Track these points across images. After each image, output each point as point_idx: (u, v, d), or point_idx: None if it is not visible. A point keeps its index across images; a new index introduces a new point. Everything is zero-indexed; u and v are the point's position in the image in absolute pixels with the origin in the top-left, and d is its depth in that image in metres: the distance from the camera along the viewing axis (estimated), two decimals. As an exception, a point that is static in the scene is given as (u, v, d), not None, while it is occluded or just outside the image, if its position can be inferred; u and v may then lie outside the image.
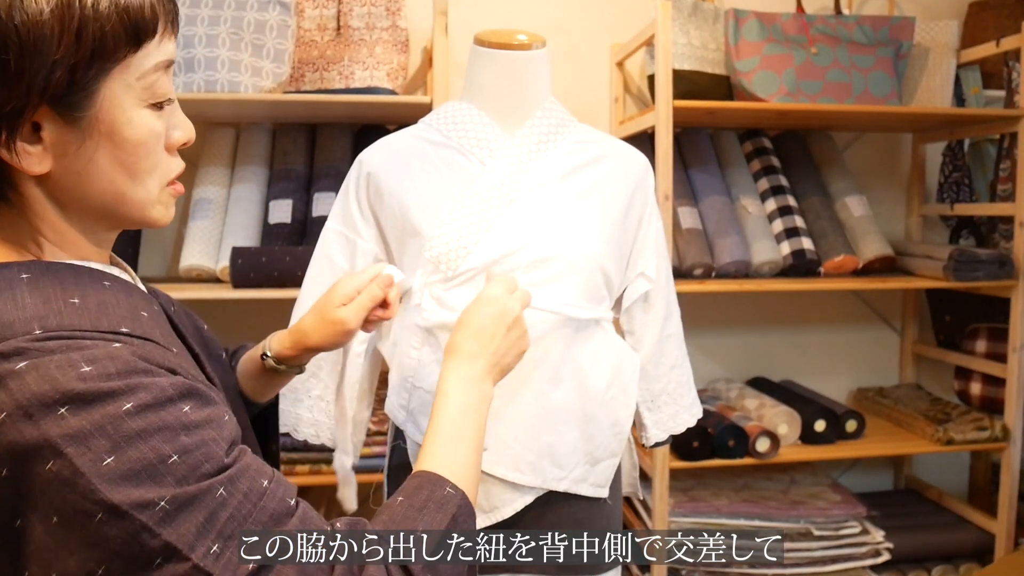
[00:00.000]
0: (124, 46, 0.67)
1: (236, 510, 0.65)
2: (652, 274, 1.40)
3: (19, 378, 0.60)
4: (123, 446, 0.61)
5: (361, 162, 1.36)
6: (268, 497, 0.67)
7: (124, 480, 0.60)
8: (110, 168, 0.70)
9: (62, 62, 0.63)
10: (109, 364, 0.63)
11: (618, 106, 2.53)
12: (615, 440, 1.33)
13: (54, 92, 0.64)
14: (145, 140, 0.71)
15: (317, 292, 1.35)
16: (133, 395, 0.62)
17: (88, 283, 0.70)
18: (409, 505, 0.78)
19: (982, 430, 2.37)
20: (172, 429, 0.63)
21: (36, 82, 0.63)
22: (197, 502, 0.62)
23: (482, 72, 1.35)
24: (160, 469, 0.61)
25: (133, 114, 0.70)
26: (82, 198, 0.71)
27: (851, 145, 2.75)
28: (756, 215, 2.36)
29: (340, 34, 2.15)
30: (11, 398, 0.60)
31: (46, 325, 0.64)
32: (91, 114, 0.67)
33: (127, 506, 0.60)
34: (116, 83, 0.68)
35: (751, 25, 2.26)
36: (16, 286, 0.66)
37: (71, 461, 0.59)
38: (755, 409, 2.38)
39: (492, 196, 1.28)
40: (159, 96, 0.72)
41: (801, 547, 2.27)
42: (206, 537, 0.62)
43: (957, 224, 2.69)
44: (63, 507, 0.59)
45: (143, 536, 0.60)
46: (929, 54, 2.49)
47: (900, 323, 2.85)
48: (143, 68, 0.69)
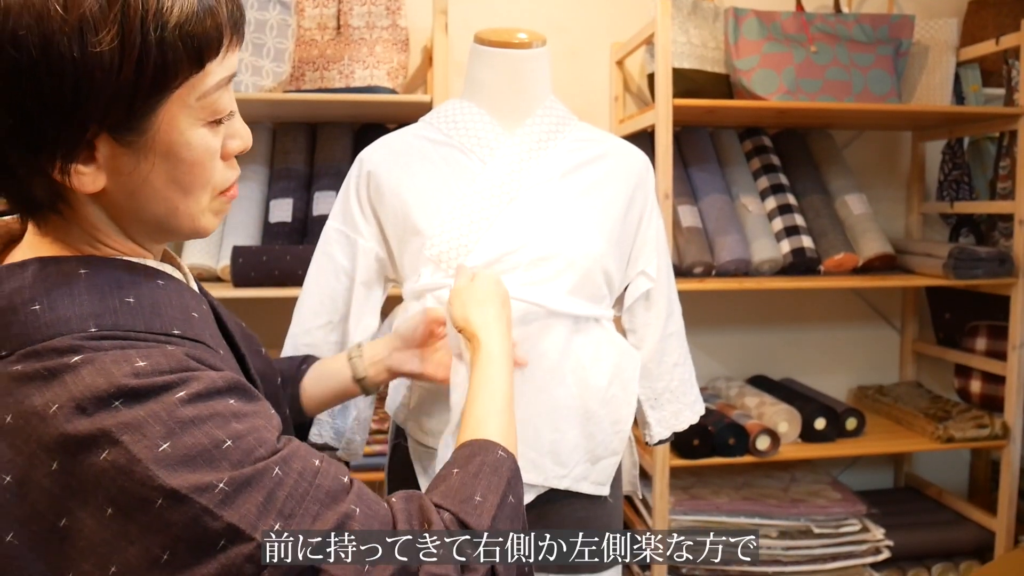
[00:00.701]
0: (186, 70, 0.65)
1: (293, 489, 0.65)
2: (653, 272, 1.40)
3: (74, 372, 0.61)
4: (178, 432, 0.61)
5: (362, 160, 1.36)
6: (322, 475, 0.68)
7: (181, 465, 0.61)
8: (164, 186, 0.69)
9: (121, 91, 0.61)
10: (163, 361, 0.64)
11: (618, 105, 2.53)
12: (616, 438, 1.33)
13: (111, 121, 0.63)
14: (200, 159, 0.70)
15: (319, 290, 1.37)
16: (185, 385, 0.63)
17: (143, 282, 0.70)
18: (464, 474, 0.79)
19: (982, 428, 2.37)
20: (224, 416, 0.64)
21: (94, 114, 0.62)
22: (254, 483, 0.63)
23: (482, 70, 1.35)
24: (215, 454, 0.62)
25: (191, 134, 0.68)
26: (135, 213, 0.70)
27: (851, 143, 2.75)
28: (756, 213, 2.36)
29: (340, 33, 2.16)
30: (66, 391, 0.60)
31: (101, 323, 0.64)
32: (147, 137, 0.66)
33: (186, 490, 0.60)
34: (175, 105, 0.66)
35: (751, 23, 2.26)
36: (74, 281, 0.66)
37: (127, 449, 0.60)
38: (755, 407, 2.38)
39: (492, 194, 1.28)
40: (218, 113, 0.70)
41: (801, 545, 2.27)
42: (267, 516, 0.63)
43: (957, 222, 2.69)
44: (120, 496, 0.60)
45: (205, 519, 0.61)
46: (929, 52, 2.49)
47: (900, 321, 2.85)
48: (204, 88, 0.67)
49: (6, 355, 0.63)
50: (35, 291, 0.64)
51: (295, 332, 1.38)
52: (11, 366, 0.62)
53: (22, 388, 0.61)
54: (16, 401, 0.61)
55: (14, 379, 0.62)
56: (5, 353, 0.63)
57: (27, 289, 0.64)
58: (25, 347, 0.62)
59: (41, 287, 0.65)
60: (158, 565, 0.61)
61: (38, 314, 0.63)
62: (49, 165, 0.63)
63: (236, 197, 0.78)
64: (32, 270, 0.66)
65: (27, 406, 0.61)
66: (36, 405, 0.60)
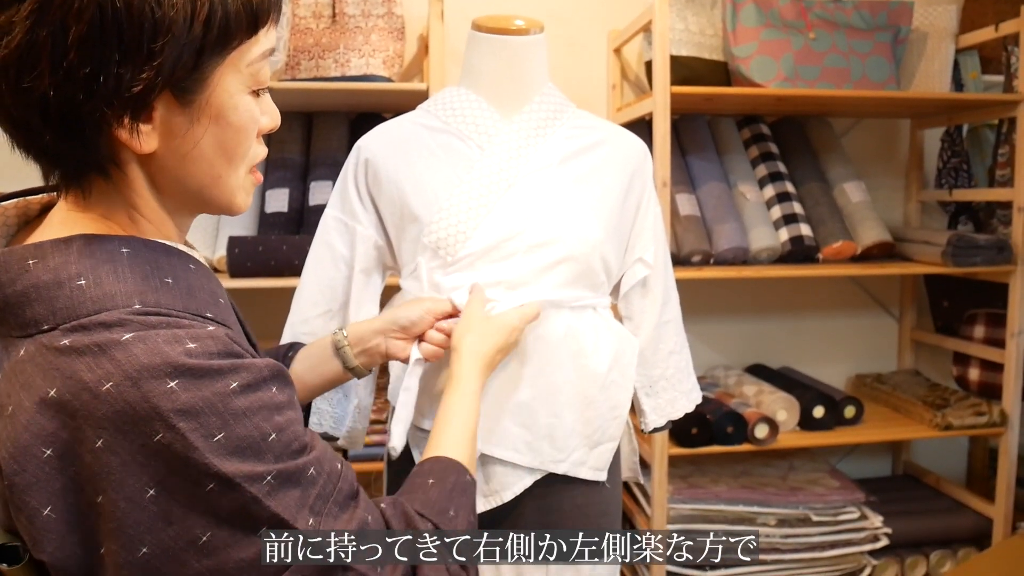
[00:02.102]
0: (243, 33, 0.69)
1: (322, 489, 0.69)
2: (650, 259, 1.40)
3: (125, 349, 0.61)
4: (231, 423, 0.64)
5: (359, 148, 1.36)
6: (343, 479, 0.73)
7: (233, 455, 0.63)
8: (212, 152, 0.72)
9: (190, 46, 0.65)
10: (211, 343, 0.65)
11: (616, 93, 2.52)
12: (614, 424, 1.33)
13: (178, 75, 0.65)
14: (246, 125, 0.73)
15: (317, 279, 1.37)
16: (236, 374, 0.65)
17: (178, 264, 0.72)
18: (441, 488, 0.86)
19: (980, 415, 2.37)
20: (269, 409, 0.67)
21: (166, 64, 0.64)
22: (295, 479, 0.67)
23: (480, 57, 1.34)
24: (262, 446, 0.65)
25: (239, 99, 0.71)
26: (181, 180, 0.72)
27: (849, 131, 2.74)
28: (754, 201, 2.36)
29: (336, 22, 2.14)
30: (118, 368, 0.61)
31: (145, 301, 0.66)
32: (203, 97, 0.69)
33: (240, 478, 0.63)
34: (228, 69, 0.69)
35: (749, 10, 2.25)
36: (117, 259, 0.67)
37: (184, 435, 0.61)
38: (754, 396, 2.38)
39: (491, 181, 1.28)
40: (261, 83, 0.73)
41: (800, 533, 2.28)
42: (303, 510, 0.67)
43: (955, 209, 2.69)
44: (168, 478, 0.61)
45: (252, 507, 0.64)
46: (927, 39, 2.48)
47: (898, 309, 2.85)
48: (252, 55, 0.71)
49: (49, 328, 0.63)
50: (81, 267, 0.65)
51: (294, 321, 1.37)
52: (57, 339, 0.63)
53: (70, 362, 0.61)
54: (63, 375, 0.61)
55: (61, 352, 0.62)
56: (48, 327, 0.63)
57: (72, 264, 0.65)
58: (70, 321, 0.63)
59: (87, 263, 0.66)
60: (195, 547, 0.63)
61: (84, 289, 0.64)
62: (117, 119, 0.64)
63: (261, 181, 0.82)
64: (77, 246, 0.66)
65: (76, 380, 0.61)
66: (87, 380, 0.61)
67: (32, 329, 0.64)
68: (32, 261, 0.65)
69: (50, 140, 0.65)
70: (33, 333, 0.64)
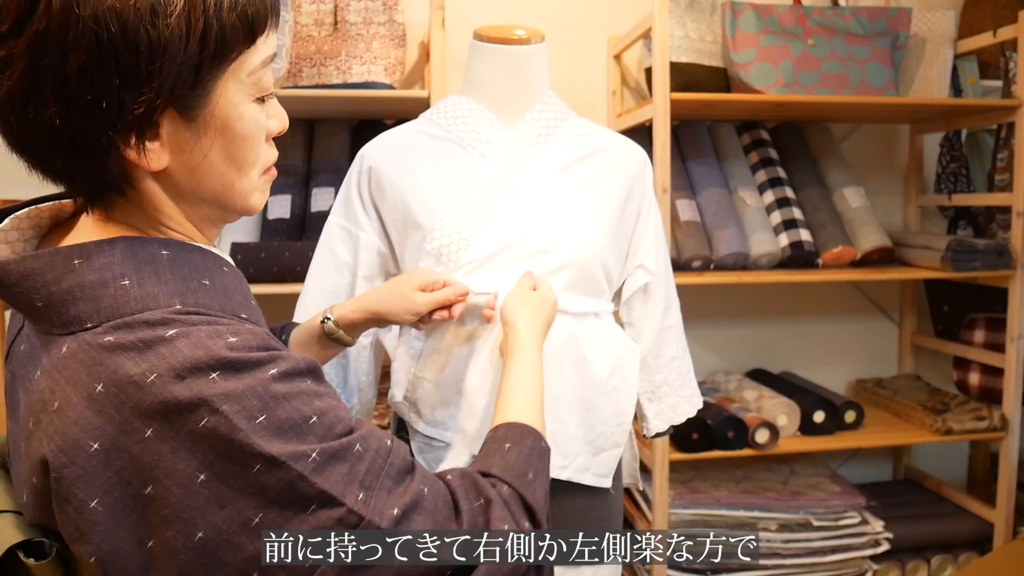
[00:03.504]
0: (241, 44, 0.69)
1: (371, 464, 0.70)
2: (651, 266, 1.41)
3: (170, 344, 0.64)
4: (272, 406, 0.65)
5: (363, 156, 1.37)
6: (393, 455, 0.73)
7: (276, 436, 0.64)
8: (221, 162, 0.73)
9: (188, 63, 0.65)
10: (251, 338, 0.68)
11: (616, 99, 2.53)
12: (618, 430, 1.33)
13: (179, 93, 0.66)
14: (252, 133, 0.74)
15: (321, 285, 1.38)
16: (275, 363, 0.67)
17: (213, 267, 0.74)
18: (519, 452, 0.87)
19: (981, 420, 2.38)
20: (307, 395, 0.69)
21: (165, 84, 0.65)
22: (340, 455, 0.68)
23: (481, 66, 1.36)
24: (304, 428, 0.66)
25: (243, 109, 0.72)
26: (195, 191, 0.74)
27: (848, 136, 2.75)
28: (754, 207, 2.36)
29: (337, 29, 2.15)
30: (163, 361, 0.63)
31: (185, 301, 0.68)
32: (207, 111, 0.70)
33: (284, 457, 0.64)
34: (229, 80, 0.70)
35: (748, 17, 2.26)
36: (158, 261, 0.70)
37: (228, 418, 0.63)
38: (754, 401, 2.38)
39: (492, 189, 1.29)
40: (264, 90, 0.74)
41: (801, 537, 2.28)
42: (352, 485, 0.68)
43: (955, 214, 2.69)
44: (216, 462, 0.63)
45: (299, 484, 0.65)
46: (926, 45, 2.49)
47: (898, 314, 2.85)
48: (253, 64, 0.72)
49: (93, 326, 0.65)
50: (124, 267, 0.68)
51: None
52: (101, 337, 0.65)
53: (115, 358, 0.63)
54: (108, 370, 0.63)
55: (105, 349, 0.64)
56: (92, 324, 0.65)
57: (117, 265, 0.67)
58: (114, 319, 0.65)
59: (130, 264, 0.68)
60: (248, 528, 0.64)
61: (127, 289, 0.67)
62: (124, 141, 0.66)
63: (275, 177, 0.83)
64: (120, 248, 0.69)
65: (122, 375, 0.63)
66: (132, 374, 0.63)
67: (75, 327, 0.66)
68: (78, 261, 0.67)
69: (61, 165, 0.67)
70: (76, 331, 0.66)
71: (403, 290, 1.19)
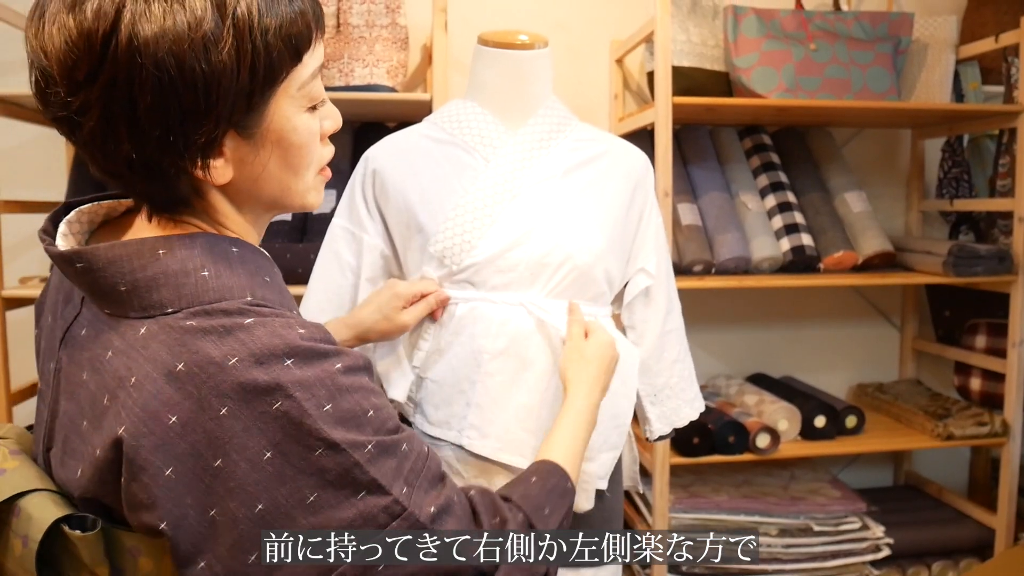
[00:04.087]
0: (288, 65, 0.74)
1: (414, 464, 0.76)
2: (652, 269, 1.41)
3: (249, 331, 0.70)
4: (338, 397, 0.71)
5: (367, 159, 1.38)
6: (431, 460, 0.80)
7: (339, 424, 0.70)
8: (279, 170, 0.79)
9: (241, 91, 0.71)
10: (316, 331, 0.74)
11: (618, 103, 2.53)
12: (615, 433, 1.34)
13: (236, 119, 0.72)
14: (307, 141, 0.80)
15: (324, 287, 1.39)
16: (339, 358, 0.73)
17: (269, 268, 0.81)
18: (542, 487, 0.93)
19: (982, 425, 2.37)
20: (366, 390, 0.75)
21: (223, 113, 0.71)
22: (391, 451, 0.74)
23: (485, 71, 1.36)
24: (363, 420, 0.73)
25: (297, 121, 0.78)
26: (255, 197, 0.80)
27: (850, 141, 2.75)
28: (756, 211, 2.36)
29: (340, 32, 2.16)
30: (243, 346, 0.69)
31: (255, 295, 0.74)
32: (263, 128, 0.76)
33: (345, 444, 0.70)
34: (282, 97, 0.76)
35: (750, 21, 2.26)
36: (231, 257, 0.76)
37: (299, 403, 0.69)
38: (755, 405, 2.38)
39: (495, 192, 1.30)
40: (315, 99, 0.79)
41: (801, 543, 2.28)
42: (398, 479, 0.74)
43: (956, 220, 2.69)
44: (284, 441, 0.68)
45: (355, 471, 0.71)
46: (928, 50, 2.49)
47: (900, 319, 2.85)
48: (302, 78, 0.77)
49: (174, 311, 0.71)
50: (204, 260, 0.74)
51: None
52: (182, 320, 0.70)
53: (197, 340, 0.69)
54: (190, 351, 0.69)
55: (187, 332, 0.70)
56: (173, 310, 0.71)
57: (197, 258, 0.74)
58: (194, 306, 0.71)
59: (208, 257, 0.74)
60: (303, 505, 0.69)
61: (207, 279, 0.73)
62: (192, 164, 0.73)
63: (330, 176, 0.88)
64: (200, 242, 0.75)
65: (203, 356, 0.68)
66: (214, 356, 0.68)
67: (155, 311, 0.72)
68: (162, 251, 0.73)
69: (141, 186, 0.75)
70: (156, 314, 0.72)
71: (389, 314, 1.26)
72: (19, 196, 2.06)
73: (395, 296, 1.26)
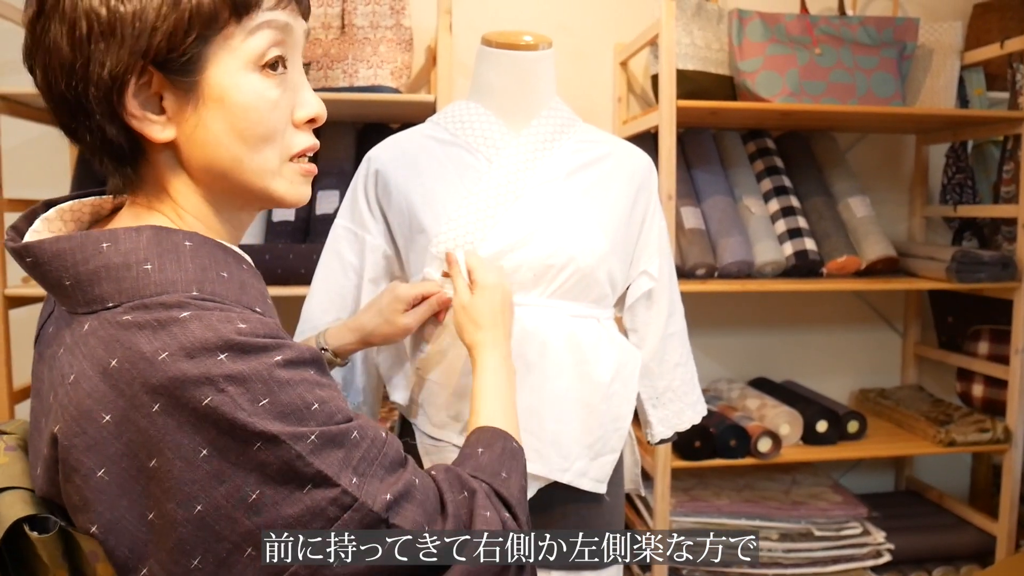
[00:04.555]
0: (224, 14, 0.72)
1: (366, 452, 0.73)
2: (655, 272, 1.41)
3: (183, 325, 0.67)
4: (276, 391, 0.68)
5: (370, 159, 1.38)
6: (388, 446, 0.76)
7: (277, 418, 0.67)
8: (224, 134, 0.75)
9: (160, 28, 0.69)
10: (260, 326, 0.71)
11: (621, 106, 2.53)
12: (615, 435, 1.33)
13: (156, 56, 0.70)
14: (254, 104, 0.75)
15: (327, 287, 1.39)
16: (280, 351, 0.70)
17: (232, 262, 0.77)
18: (491, 454, 0.91)
19: (984, 432, 2.37)
20: (310, 383, 0.71)
21: (138, 46, 0.69)
22: (338, 440, 0.70)
23: (489, 72, 1.36)
24: (305, 413, 0.69)
25: (239, 77, 0.74)
26: (205, 167, 0.76)
27: (854, 146, 2.75)
28: (759, 215, 2.36)
29: (344, 32, 2.16)
30: (174, 340, 0.66)
31: (202, 289, 0.71)
32: (200, 79, 0.72)
33: (284, 436, 0.67)
34: (225, 49, 0.73)
35: (755, 25, 2.26)
36: (181, 250, 0.73)
37: (232, 397, 0.66)
38: (757, 409, 2.38)
39: (498, 193, 1.30)
40: (262, 58, 0.75)
41: (802, 547, 2.27)
42: (346, 469, 0.70)
43: (960, 225, 2.69)
44: (218, 438, 0.66)
45: (297, 463, 0.67)
46: (933, 55, 2.49)
47: (902, 324, 2.85)
48: (250, 28, 0.73)
49: (114, 306, 0.69)
50: (148, 253, 0.71)
51: (303, 329, 1.39)
52: (120, 315, 0.68)
53: (131, 335, 0.67)
54: (123, 346, 0.66)
55: (123, 327, 0.67)
56: (113, 304, 0.69)
57: (141, 250, 0.71)
58: (134, 300, 0.69)
59: (153, 250, 0.71)
60: (245, 504, 0.66)
61: (149, 273, 0.70)
62: (119, 105, 0.71)
63: (314, 173, 0.84)
64: (147, 235, 0.72)
65: (135, 351, 0.66)
66: (144, 351, 0.66)
67: (97, 305, 0.70)
68: (106, 244, 0.71)
69: (87, 137, 0.74)
70: (98, 309, 0.69)
71: (391, 317, 1.24)
72: (23, 195, 2.06)
73: (397, 299, 1.24)
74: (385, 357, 1.39)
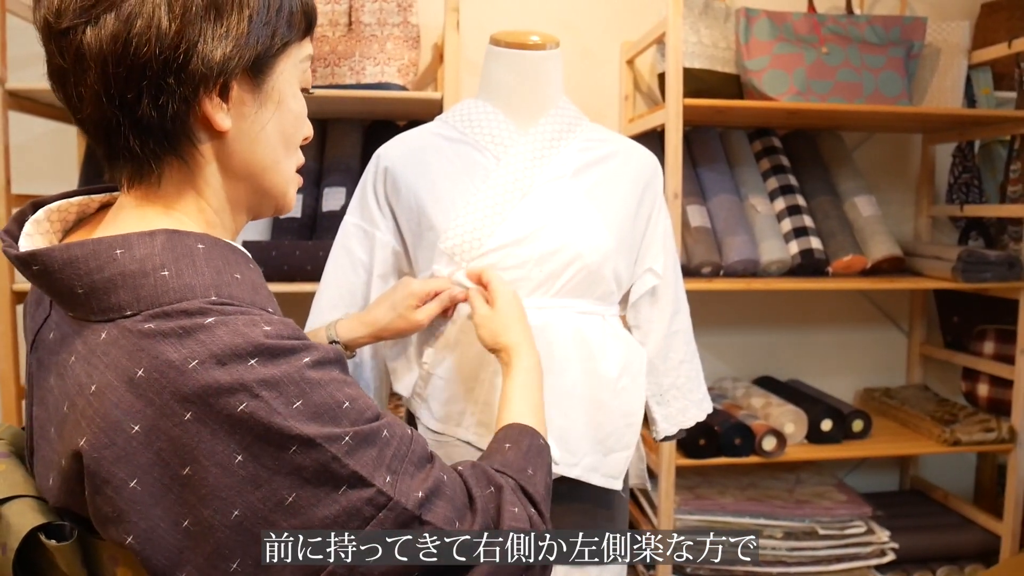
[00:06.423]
0: (301, 26, 0.79)
1: (396, 450, 0.74)
2: (659, 270, 1.41)
3: (209, 331, 0.66)
4: (308, 392, 0.68)
5: (379, 156, 1.39)
6: (415, 443, 0.77)
7: (312, 420, 0.68)
8: (275, 136, 0.79)
9: (270, 25, 0.74)
10: (283, 328, 0.71)
11: (628, 104, 2.53)
12: (628, 432, 1.34)
13: (259, 52, 0.74)
14: (300, 114, 0.82)
15: (336, 283, 1.40)
16: (308, 352, 0.71)
17: (243, 263, 0.78)
18: (517, 450, 0.93)
19: (989, 431, 2.37)
20: (339, 382, 0.72)
21: (252, 40, 0.73)
22: (371, 439, 0.71)
23: (497, 71, 1.37)
24: (338, 412, 0.70)
25: (295, 89, 0.81)
26: (247, 163, 0.79)
27: (861, 145, 2.75)
28: (765, 214, 2.36)
29: (351, 30, 2.16)
30: (203, 348, 0.66)
31: (220, 293, 0.71)
32: (270, 82, 0.77)
33: (320, 439, 0.67)
34: (289, 60, 0.79)
35: (762, 24, 2.26)
36: (195, 254, 0.72)
37: (267, 402, 0.66)
38: (761, 408, 2.38)
39: (506, 190, 1.31)
40: (307, 82, 0.83)
41: (806, 546, 2.28)
42: (380, 468, 0.71)
43: (966, 225, 2.69)
44: (254, 444, 0.66)
45: (333, 465, 0.68)
46: (940, 55, 2.49)
47: (908, 323, 2.85)
48: (303, 53, 0.81)
49: (132, 314, 0.68)
50: (164, 258, 0.70)
51: (313, 323, 1.40)
52: (140, 324, 0.67)
53: (155, 344, 0.66)
54: (149, 356, 0.66)
55: (145, 336, 0.66)
56: (131, 312, 0.68)
57: (157, 256, 0.70)
58: (153, 308, 0.68)
59: (169, 255, 0.71)
60: (282, 507, 0.67)
61: (167, 279, 0.69)
62: (206, 92, 0.72)
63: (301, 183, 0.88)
64: (160, 239, 0.72)
65: (162, 360, 0.65)
66: (172, 359, 0.65)
67: (114, 314, 0.68)
68: (119, 251, 0.70)
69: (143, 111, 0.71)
70: (115, 318, 0.68)
71: (404, 312, 1.25)
72: (31, 190, 2.07)
73: (410, 295, 1.25)
74: (392, 351, 1.39)
